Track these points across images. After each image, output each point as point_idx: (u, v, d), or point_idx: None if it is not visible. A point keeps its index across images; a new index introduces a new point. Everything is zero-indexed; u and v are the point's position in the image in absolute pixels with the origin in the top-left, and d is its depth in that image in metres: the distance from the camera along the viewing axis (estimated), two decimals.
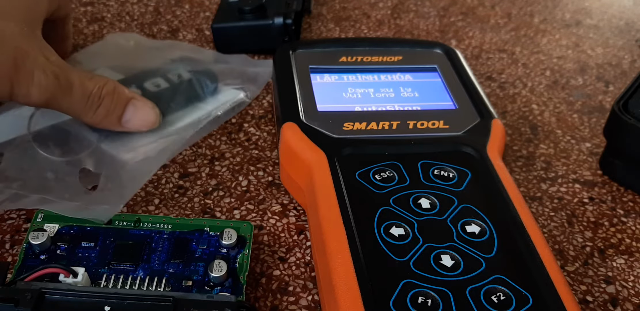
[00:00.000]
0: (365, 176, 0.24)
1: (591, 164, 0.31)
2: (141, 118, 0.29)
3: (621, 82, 0.38)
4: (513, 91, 0.37)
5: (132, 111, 0.28)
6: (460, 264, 0.20)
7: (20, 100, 0.25)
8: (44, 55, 0.25)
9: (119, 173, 0.27)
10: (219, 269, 0.22)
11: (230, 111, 0.33)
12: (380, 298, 0.19)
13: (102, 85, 0.27)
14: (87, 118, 0.27)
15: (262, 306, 0.23)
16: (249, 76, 0.35)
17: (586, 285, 0.25)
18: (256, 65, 0.36)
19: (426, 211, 0.22)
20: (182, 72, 0.33)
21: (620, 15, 0.47)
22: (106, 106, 0.27)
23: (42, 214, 0.24)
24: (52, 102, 0.26)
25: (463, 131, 0.26)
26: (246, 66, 0.36)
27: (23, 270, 0.22)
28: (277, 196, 0.28)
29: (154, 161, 0.28)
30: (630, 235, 0.27)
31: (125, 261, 0.22)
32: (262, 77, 0.35)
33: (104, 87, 0.27)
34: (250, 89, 0.34)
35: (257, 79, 0.35)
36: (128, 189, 0.27)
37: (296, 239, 0.26)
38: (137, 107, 0.28)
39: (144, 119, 0.29)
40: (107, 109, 0.27)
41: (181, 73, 0.33)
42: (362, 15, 0.45)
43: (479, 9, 0.47)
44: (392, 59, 0.31)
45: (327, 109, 0.27)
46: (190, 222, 0.24)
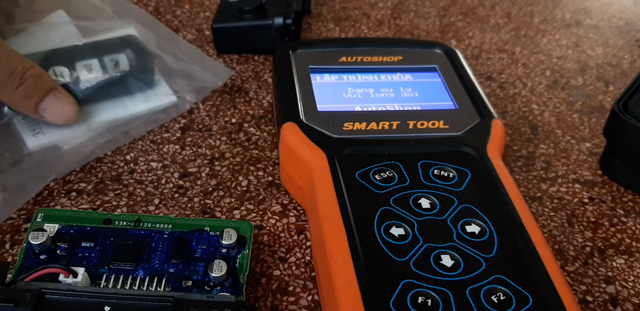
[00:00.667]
0: (365, 176, 0.24)
1: (591, 164, 0.31)
2: (59, 109, 0.28)
3: (621, 82, 0.38)
4: (513, 91, 0.37)
5: (52, 100, 0.28)
6: (460, 264, 0.20)
7: None
8: None
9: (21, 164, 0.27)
10: (219, 269, 0.22)
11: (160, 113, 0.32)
12: (380, 298, 0.19)
13: (29, 67, 0.27)
14: (4, 94, 0.27)
15: (262, 306, 0.23)
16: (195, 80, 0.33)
17: (586, 285, 0.25)
18: (207, 68, 0.34)
19: (426, 211, 0.22)
20: (120, 60, 0.31)
21: (620, 15, 0.47)
22: (27, 88, 0.27)
23: (42, 214, 0.24)
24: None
25: (463, 131, 0.26)
26: (198, 66, 0.34)
27: (23, 270, 0.22)
28: (277, 196, 0.28)
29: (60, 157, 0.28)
30: (630, 235, 0.27)
31: (125, 261, 0.22)
32: (207, 86, 0.33)
33: (30, 70, 0.27)
34: (188, 95, 0.33)
35: (201, 87, 0.33)
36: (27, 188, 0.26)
37: (296, 239, 0.26)
38: (57, 98, 0.28)
39: (62, 112, 0.28)
40: (26, 90, 0.27)
41: (119, 61, 0.31)
42: (362, 15, 0.45)
43: (479, 9, 0.47)
44: (392, 59, 0.31)
45: (327, 109, 0.27)
46: (190, 222, 0.24)
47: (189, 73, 0.33)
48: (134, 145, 0.31)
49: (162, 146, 0.31)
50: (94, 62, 0.30)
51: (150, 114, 0.31)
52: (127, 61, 0.30)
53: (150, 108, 0.31)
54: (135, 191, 0.28)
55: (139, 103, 0.31)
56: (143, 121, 0.31)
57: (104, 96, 0.30)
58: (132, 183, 0.28)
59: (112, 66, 0.30)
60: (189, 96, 0.33)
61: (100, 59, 0.30)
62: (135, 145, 0.31)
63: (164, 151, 0.31)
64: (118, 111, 0.31)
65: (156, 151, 0.31)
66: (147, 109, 0.31)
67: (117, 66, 0.30)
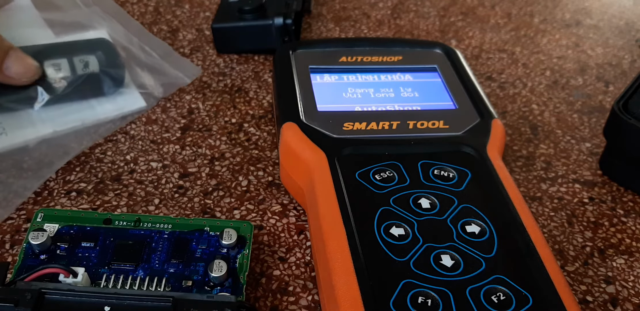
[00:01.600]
0: (365, 176, 0.24)
1: (591, 164, 0.31)
2: (22, 65, 0.28)
3: (621, 82, 0.38)
4: (513, 91, 0.37)
5: (13, 58, 0.28)
6: (460, 264, 0.20)
7: None
8: None
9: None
10: (219, 269, 0.22)
11: (123, 119, 0.31)
12: (380, 298, 0.19)
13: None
14: None
15: (262, 306, 0.23)
16: (164, 76, 0.33)
17: (586, 285, 0.25)
18: (176, 65, 0.34)
19: (426, 211, 0.22)
20: (91, 61, 0.30)
21: (620, 15, 0.47)
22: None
23: (42, 214, 0.24)
24: None
25: (463, 131, 0.26)
26: (167, 62, 0.34)
27: (23, 270, 0.22)
28: (277, 196, 0.28)
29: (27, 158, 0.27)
30: (630, 235, 0.27)
31: (125, 261, 0.22)
32: (175, 83, 0.33)
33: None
34: (156, 91, 0.32)
35: (168, 83, 0.33)
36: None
37: (296, 239, 0.26)
38: (18, 56, 0.28)
39: (25, 67, 0.28)
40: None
41: (89, 62, 0.30)
42: (362, 15, 0.45)
43: (479, 9, 0.47)
44: (392, 59, 0.31)
45: (327, 109, 0.27)
46: (190, 222, 0.24)
47: (158, 69, 0.33)
48: (134, 145, 0.31)
49: (162, 146, 0.31)
50: (63, 61, 0.30)
51: (117, 117, 0.31)
52: (97, 62, 0.30)
53: (118, 113, 0.31)
54: (135, 191, 0.28)
55: (107, 107, 0.31)
56: (110, 123, 0.31)
57: (72, 97, 0.30)
58: (132, 183, 0.28)
59: (82, 66, 0.30)
60: (157, 92, 0.33)
61: (69, 59, 0.30)
62: (135, 145, 0.31)
63: (164, 151, 0.31)
64: (85, 113, 0.30)
65: (156, 151, 0.31)
66: (115, 114, 0.31)
67: (87, 67, 0.30)
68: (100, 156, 0.30)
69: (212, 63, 0.38)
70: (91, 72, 0.30)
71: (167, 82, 0.33)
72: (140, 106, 0.32)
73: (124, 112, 0.31)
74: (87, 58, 0.30)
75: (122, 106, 0.31)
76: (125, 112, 0.31)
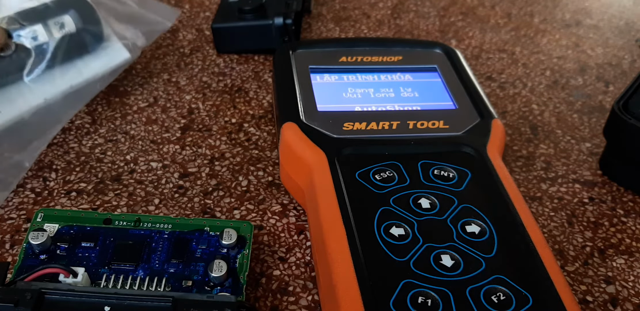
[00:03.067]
0: (365, 176, 0.24)
1: (591, 164, 0.31)
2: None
3: (621, 82, 0.38)
4: (513, 91, 0.37)
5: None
6: (460, 264, 0.20)
7: None
8: None
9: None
10: (219, 269, 0.22)
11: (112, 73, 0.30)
12: (380, 298, 0.19)
13: None
14: None
15: (262, 306, 0.23)
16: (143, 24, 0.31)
17: (586, 285, 0.25)
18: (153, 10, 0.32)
19: (426, 211, 0.22)
20: (66, 22, 0.29)
21: (620, 15, 0.47)
22: None
23: (42, 214, 0.24)
24: None
25: (463, 131, 0.26)
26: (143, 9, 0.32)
27: (23, 270, 0.22)
28: (277, 196, 0.28)
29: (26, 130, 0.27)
30: (630, 235, 0.27)
31: (125, 261, 0.22)
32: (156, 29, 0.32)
33: None
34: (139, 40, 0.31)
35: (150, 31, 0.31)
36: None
37: (296, 239, 0.26)
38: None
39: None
40: None
41: (65, 23, 0.29)
42: (362, 15, 0.45)
43: (479, 9, 0.47)
44: (392, 59, 0.31)
45: (327, 109, 0.27)
46: (190, 222, 0.24)
47: (136, 17, 0.32)
48: (133, 145, 0.31)
49: (162, 146, 0.31)
50: (38, 27, 0.28)
51: (104, 73, 0.30)
52: (72, 21, 0.29)
53: (105, 69, 0.30)
54: (135, 191, 0.28)
55: (92, 65, 0.30)
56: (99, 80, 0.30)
57: (56, 61, 0.29)
58: (132, 183, 0.28)
59: (58, 29, 0.29)
60: (140, 42, 0.31)
61: (44, 23, 0.28)
62: (135, 145, 0.31)
63: (164, 151, 0.31)
64: (73, 76, 0.29)
65: (156, 151, 0.31)
66: (102, 71, 0.30)
67: (63, 28, 0.29)
68: (100, 156, 0.30)
69: (212, 63, 0.38)
70: (69, 33, 0.29)
71: (148, 30, 0.32)
72: (124, 57, 0.31)
73: (111, 67, 0.30)
74: (61, 19, 0.29)
75: (107, 61, 0.30)
76: (112, 67, 0.30)
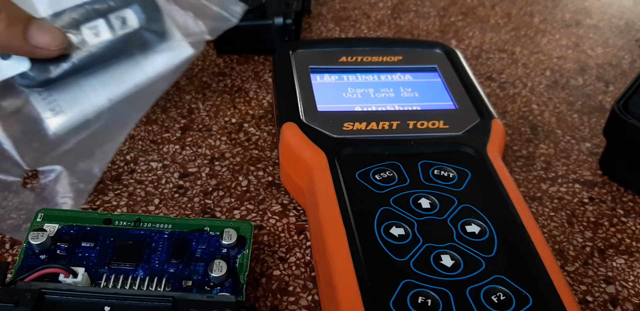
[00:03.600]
0: (365, 176, 0.24)
1: (591, 164, 0.31)
2: (47, 33, 0.25)
3: (621, 82, 0.38)
4: (513, 91, 0.37)
5: (37, 27, 0.25)
6: (460, 264, 0.20)
7: None
8: None
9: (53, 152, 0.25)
10: (219, 269, 0.22)
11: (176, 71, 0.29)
12: (380, 298, 0.19)
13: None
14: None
15: (262, 306, 0.23)
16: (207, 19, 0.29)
17: (586, 285, 0.25)
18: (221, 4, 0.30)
19: (426, 211, 0.22)
20: (128, 17, 0.27)
21: (620, 15, 0.47)
22: (8, 13, 0.24)
23: (42, 214, 0.24)
24: None
25: (463, 131, 0.26)
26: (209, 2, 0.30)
27: (23, 270, 0.22)
28: (277, 196, 0.28)
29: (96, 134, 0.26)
30: (630, 235, 0.27)
31: (125, 261, 0.22)
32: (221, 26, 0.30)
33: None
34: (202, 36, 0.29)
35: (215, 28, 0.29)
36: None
37: (296, 239, 0.26)
38: (40, 24, 0.25)
39: (52, 35, 0.25)
40: (9, 16, 0.23)
41: (127, 18, 0.27)
42: (362, 15, 0.45)
43: (479, 9, 0.47)
44: (392, 59, 0.31)
45: (327, 109, 0.27)
46: (190, 222, 0.24)
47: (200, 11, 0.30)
48: (134, 145, 0.31)
49: (162, 146, 0.31)
50: (100, 23, 0.27)
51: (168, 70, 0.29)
52: (135, 16, 0.28)
53: (168, 66, 0.29)
54: (135, 191, 0.28)
55: (156, 62, 0.28)
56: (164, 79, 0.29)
57: (118, 59, 0.28)
58: (132, 183, 0.28)
59: (120, 24, 0.27)
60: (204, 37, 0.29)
61: (106, 18, 0.27)
62: (135, 145, 0.31)
63: (164, 151, 0.31)
64: (136, 75, 0.28)
65: (156, 151, 0.31)
66: (166, 68, 0.29)
67: (125, 23, 0.27)
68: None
69: (212, 63, 0.38)
70: (132, 29, 0.27)
71: (213, 26, 0.30)
72: (188, 53, 0.29)
73: (174, 63, 0.29)
74: (123, 13, 0.27)
75: (170, 57, 0.29)
76: (175, 64, 0.29)
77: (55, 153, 0.26)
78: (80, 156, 0.26)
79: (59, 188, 0.26)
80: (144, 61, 0.28)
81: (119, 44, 0.27)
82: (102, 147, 0.27)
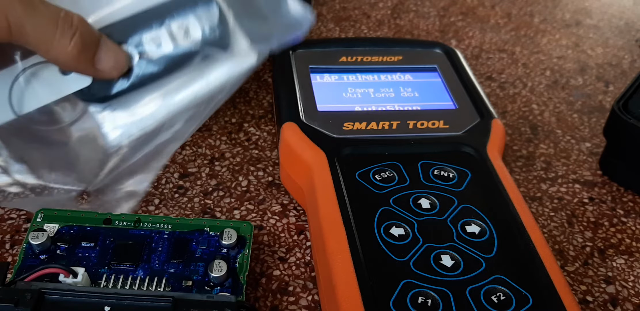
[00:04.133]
0: (365, 176, 0.24)
1: (591, 164, 0.31)
2: (112, 57, 0.24)
3: (621, 82, 0.38)
4: (513, 91, 0.37)
5: (105, 49, 0.24)
6: (460, 264, 0.20)
7: None
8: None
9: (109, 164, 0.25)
10: (219, 269, 0.21)
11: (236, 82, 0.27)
12: (380, 298, 0.19)
13: (71, 13, 0.22)
14: (61, 49, 0.22)
15: (262, 306, 0.23)
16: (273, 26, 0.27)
17: (586, 285, 0.25)
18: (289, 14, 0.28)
19: (426, 211, 0.22)
20: (191, 27, 0.26)
21: (620, 15, 0.47)
22: (83, 36, 0.23)
23: (42, 214, 0.24)
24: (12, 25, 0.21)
25: (463, 131, 0.26)
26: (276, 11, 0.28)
27: (23, 270, 0.22)
28: (277, 196, 0.28)
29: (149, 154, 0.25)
30: (630, 235, 0.27)
31: (125, 261, 0.22)
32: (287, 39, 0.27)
33: (75, 16, 0.22)
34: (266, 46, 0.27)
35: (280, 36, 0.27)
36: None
37: (296, 239, 0.26)
38: (108, 46, 0.24)
39: (116, 60, 0.24)
40: (83, 40, 0.23)
41: (189, 27, 0.26)
42: (362, 15, 0.45)
43: (479, 9, 0.47)
44: (392, 59, 0.31)
45: (327, 109, 0.27)
46: (190, 222, 0.24)
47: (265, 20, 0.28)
48: None
49: None
50: (162, 33, 0.26)
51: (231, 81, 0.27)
52: (199, 26, 0.26)
53: (231, 76, 0.27)
54: None
55: (218, 72, 0.27)
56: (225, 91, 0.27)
57: (179, 71, 0.26)
58: None
59: (183, 34, 0.26)
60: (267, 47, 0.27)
61: (168, 28, 0.26)
62: None
63: None
64: (198, 86, 0.27)
65: None
66: (228, 78, 0.27)
67: (188, 34, 0.26)
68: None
69: None
70: (195, 41, 0.26)
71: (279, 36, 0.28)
72: (251, 63, 0.27)
73: (237, 74, 0.27)
74: (186, 22, 0.26)
75: (233, 67, 0.27)
76: (238, 74, 0.27)
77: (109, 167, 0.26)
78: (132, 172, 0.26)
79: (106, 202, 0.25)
80: (206, 70, 0.27)
81: (181, 55, 0.26)
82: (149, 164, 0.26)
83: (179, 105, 0.26)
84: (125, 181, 0.26)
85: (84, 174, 0.26)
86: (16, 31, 0.21)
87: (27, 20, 0.21)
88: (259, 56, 0.27)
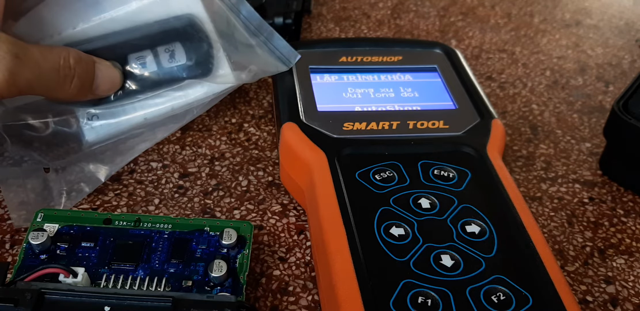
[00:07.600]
0: (365, 176, 0.24)
1: (591, 164, 0.31)
2: (108, 81, 0.26)
3: (621, 82, 0.38)
4: (513, 91, 0.37)
5: (101, 76, 0.26)
6: (460, 264, 0.20)
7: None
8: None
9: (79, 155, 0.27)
10: (219, 269, 0.22)
11: (214, 99, 0.29)
12: (380, 298, 0.19)
13: (67, 55, 0.24)
14: (63, 93, 0.25)
15: (262, 306, 0.23)
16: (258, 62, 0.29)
17: (586, 285, 0.25)
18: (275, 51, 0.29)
19: (426, 211, 0.22)
20: (177, 51, 0.27)
21: (620, 15, 0.47)
22: (81, 76, 0.25)
23: (42, 214, 0.24)
24: (21, 84, 0.23)
25: (463, 131, 0.26)
26: (263, 43, 0.29)
27: (23, 270, 0.22)
28: (277, 196, 0.28)
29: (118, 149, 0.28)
30: (630, 235, 0.27)
31: (125, 261, 0.22)
32: (268, 70, 0.29)
33: (70, 57, 0.24)
34: (247, 75, 0.28)
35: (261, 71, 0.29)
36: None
37: (296, 239, 0.26)
38: (102, 71, 0.26)
39: (111, 82, 0.26)
40: (82, 79, 0.25)
41: (175, 51, 0.27)
42: (362, 15, 0.45)
43: (479, 9, 0.47)
44: (392, 59, 0.31)
45: (327, 109, 0.27)
46: (190, 222, 0.24)
47: (252, 53, 0.29)
48: None
49: (162, 146, 0.31)
50: (148, 54, 0.27)
51: (208, 98, 0.29)
52: (183, 51, 0.27)
53: (209, 95, 0.29)
54: (135, 191, 0.28)
55: (198, 89, 0.29)
56: (201, 105, 0.29)
57: (162, 88, 0.28)
58: (132, 183, 0.28)
59: (168, 57, 0.27)
60: (248, 76, 0.29)
61: (154, 50, 0.27)
62: None
63: (164, 151, 0.31)
64: (176, 99, 0.28)
65: (156, 151, 0.31)
66: (206, 95, 0.29)
67: (173, 58, 0.27)
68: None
69: None
70: (179, 64, 0.27)
71: (261, 69, 0.29)
72: (231, 85, 0.29)
73: (215, 92, 0.29)
74: (172, 47, 0.27)
75: (213, 87, 0.29)
76: (216, 93, 0.29)
77: (79, 154, 0.28)
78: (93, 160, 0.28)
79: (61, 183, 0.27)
80: (187, 88, 0.28)
81: (165, 75, 0.28)
82: (115, 157, 0.28)
83: (156, 114, 0.29)
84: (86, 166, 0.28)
85: (53, 152, 0.28)
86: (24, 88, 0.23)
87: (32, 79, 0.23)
88: (238, 79, 0.29)
